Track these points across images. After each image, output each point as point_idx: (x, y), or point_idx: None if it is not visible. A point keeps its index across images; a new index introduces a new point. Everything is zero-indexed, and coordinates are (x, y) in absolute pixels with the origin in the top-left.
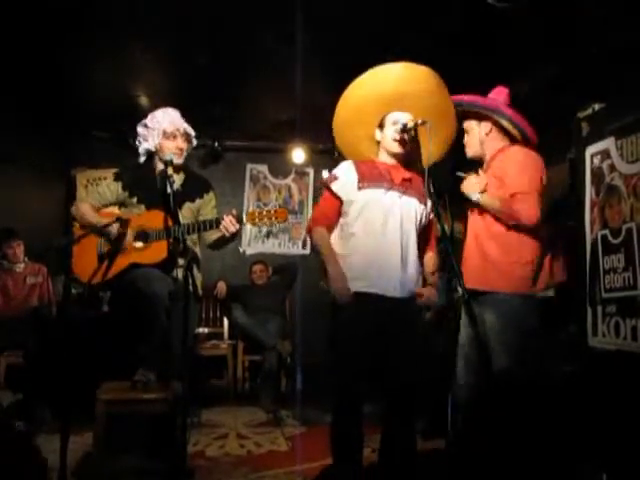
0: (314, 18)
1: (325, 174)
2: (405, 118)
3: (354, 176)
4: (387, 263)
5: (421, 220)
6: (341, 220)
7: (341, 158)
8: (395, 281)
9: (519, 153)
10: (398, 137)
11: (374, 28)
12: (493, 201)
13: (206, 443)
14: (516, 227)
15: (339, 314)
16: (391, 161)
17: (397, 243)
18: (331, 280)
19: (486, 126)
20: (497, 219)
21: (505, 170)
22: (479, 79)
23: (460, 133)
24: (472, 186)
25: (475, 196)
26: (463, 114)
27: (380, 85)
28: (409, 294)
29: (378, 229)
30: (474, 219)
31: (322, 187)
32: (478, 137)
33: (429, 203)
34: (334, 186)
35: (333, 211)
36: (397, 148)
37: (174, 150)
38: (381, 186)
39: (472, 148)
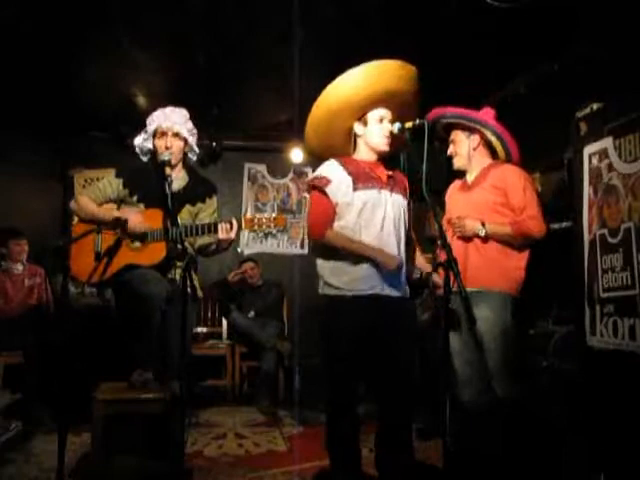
0: (312, 17)
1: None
2: (389, 115)
3: (347, 177)
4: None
5: (406, 215)
6: (337, 224)
7: None
8: (396, 280)
9: (516, 170)
10: (388, 135)
11: (373, 27)
12: (502, 227)
13: (204, 443)
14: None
15: (333, 316)
16: (371, 158)
17: (394, 243)
18: (379, 260)
19: (474, 140)
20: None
21: (506, 182)
22: (477, 77)
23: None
24: (472, 225)
25: (482, 232)
26: (448, 125)
27: (374, 81)
28: (406, 292)
29: (377, 230)
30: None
31: (310, 190)
32: (467, 150)
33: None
34: (329, 189)
35: (332, 214)
36: (385, 146)
37: (162, 149)
38: (374, 186)
39: (461, 160)
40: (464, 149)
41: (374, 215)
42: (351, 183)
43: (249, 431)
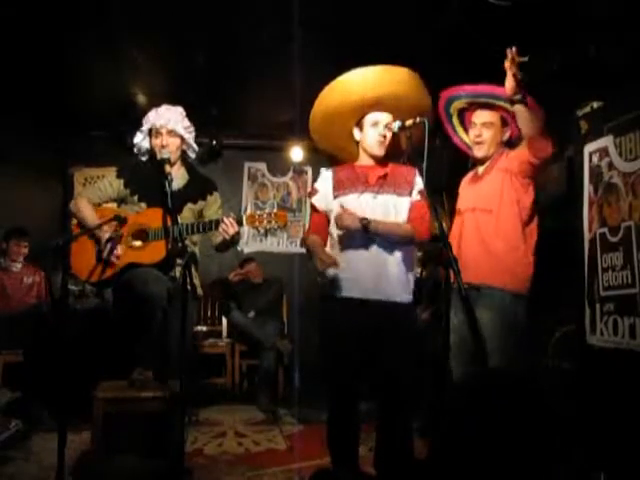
0: (313, 17)
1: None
2: (385, 119)
3: (329, 186)
4: (368, 267)
5: (402, 212)
6: (329, 230)
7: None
8: (376, 284)
9: None
10: (381, 139)
11: (373, 27)
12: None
13: (204, 441)
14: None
15: (325, 315)
16: (369, 162)
17: (374, 245)
18: (314, 259)
19: (507, 132)
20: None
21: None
22: (477, 76)
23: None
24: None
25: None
26: (479, 105)
27: (357, 90)
28: (393, 296)
29: (354, 234)
30: (475, 215)
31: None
32: (499, 140)
33: (415, 190)
34: (314, 200)
35: (321, 223)
36: (378, 150)
37: (159, 147)
38: (355, 190)
39: (490, 149)
40: (497, 138)
41: None
42: (331, 190)
43: (249, 429)
